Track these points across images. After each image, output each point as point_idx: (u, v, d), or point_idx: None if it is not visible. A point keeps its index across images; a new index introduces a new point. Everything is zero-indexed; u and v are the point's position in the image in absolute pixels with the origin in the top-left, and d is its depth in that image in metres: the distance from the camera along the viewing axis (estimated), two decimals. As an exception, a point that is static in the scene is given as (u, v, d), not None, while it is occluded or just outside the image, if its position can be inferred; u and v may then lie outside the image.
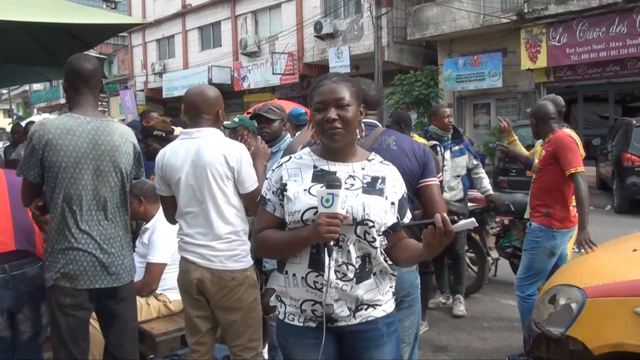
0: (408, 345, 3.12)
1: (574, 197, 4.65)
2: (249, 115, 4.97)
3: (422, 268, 3.24)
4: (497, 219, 6.61)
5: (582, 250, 4.29)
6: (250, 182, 3.27)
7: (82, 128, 3.10)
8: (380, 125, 3.20)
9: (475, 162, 6.28)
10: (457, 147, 6.14)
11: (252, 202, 3.21)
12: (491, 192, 6.36)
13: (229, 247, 3.27)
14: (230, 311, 3.31)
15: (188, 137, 3.35)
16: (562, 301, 3.61)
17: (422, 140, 5.74)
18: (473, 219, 2.11)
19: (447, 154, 6.03)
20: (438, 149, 5.97)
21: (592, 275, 3.71)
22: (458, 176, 6.10)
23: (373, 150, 2.90)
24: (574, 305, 3.52)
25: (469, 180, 6.38)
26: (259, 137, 4.25)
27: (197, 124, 3.36)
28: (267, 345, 4.18)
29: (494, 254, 6.72)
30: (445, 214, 2.12)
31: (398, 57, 21.08)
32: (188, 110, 3.41)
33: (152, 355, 4.24)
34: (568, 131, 4.85)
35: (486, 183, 6.35)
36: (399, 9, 20.85)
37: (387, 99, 19.09)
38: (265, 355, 4.02)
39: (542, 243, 4.66)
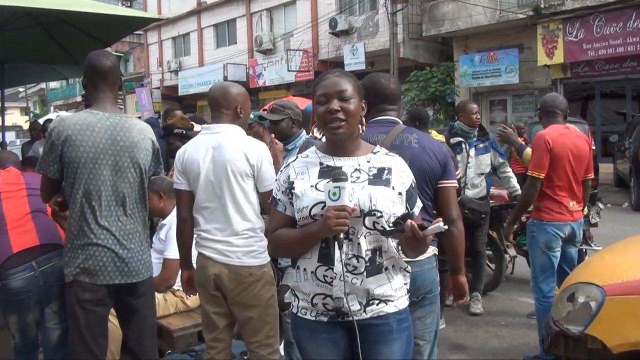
0: (428, 342, 3.12)
1: (576, 192, 4.62)
2: (265, 112, 4.97)
3: (440, 266, 3.23)
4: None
5: (599, 248, 4.27)
6: (270, 181, 3.26)
7: (101, 124, 3.13)
8: (401, 122, 3.19)
9: (500, 160, 6.21)
10: (482, 145, 6.09)
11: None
12: (519, 191, 6.23)
13: (246, 243, 3.29)
14: (247, 307, 3.32)
15: (209, 132, 3.38)
16: (581, 299, 3.58)
17: (439, 137, 5.70)
18: (440, 224, 2.17)
19: (472, 152, 6.00)
20: (463, 145, 5.95)
21: (611, 273, 3.68)
22: (482, 174, 6.05)
23: (394, 148, 2.90)
24: (593, 304, 3.49)
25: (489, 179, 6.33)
26: (272, 135, 4.23)
27: (217, 119, 3.40)
28: (283, 342, 4.18)
29: (512, 251, 6.68)
30: (414, 223, 2.20)
31: (414, 53, 21.00)
32: (210, 106, 3.46)
33: (169, 351, 4.26)
34: (566, 127, 4.74)
35: (514, 182, 6.29)
36: (414, 5, 20.75)
37: (403, 96, 19.01)
38: (281, 352, 4.03)
39: (536, 237, 4.66)
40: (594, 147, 6.33)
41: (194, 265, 3.51)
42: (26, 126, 30.25)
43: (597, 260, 4.39)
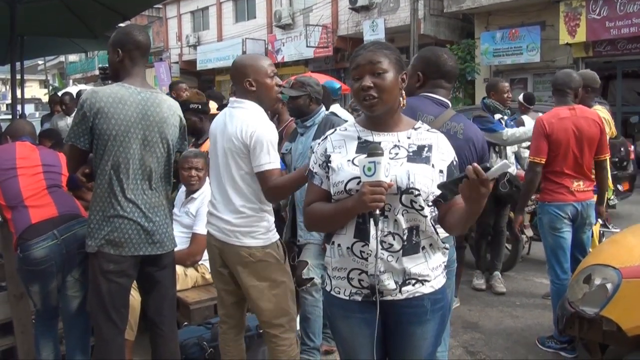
0: None
1: (583, 173, 4.60)
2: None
3: (457, 243, 3.23)
4: (533, 197, 6.50)
5: (616, 230, 4.25)
6: (261, 162, 3.11)
7: (133, 98, 3.16)
8: (450, 106, 3.14)
9: None
10: (512, 123, 6.20)
11: (262, 183, 3.13)
12: None
13: (246, 223, 3.21)
14: (249, 288, 3.27)
15: (230, 106, 3.35)
16: (597, 281, 3.58)
17: None
18: (506, 161, 2.07)
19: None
20: (502, 122, 5.94)
21: (628, 255, 3.67)
22: (513, 152, 6.16)
23: None
24: (609, 286, 3.50)
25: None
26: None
27: (236, 93, 3.37)
28: (299, 316, 4.22)
29: (528, 232, 6.68)
30: (476, 164, 2.05)
31: (434, 30, 20.73)
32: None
33: (186, 322, 4.32)
34: (571, 109, 4.63)
35: None
36: (435, -20, 20.50)
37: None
38: (297, 327, 4.06)
39: (542, 219, 4.69)
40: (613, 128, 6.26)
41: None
42: (45, 99, 30.44)
43: (615, 242, 4.38)
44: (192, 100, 5.37)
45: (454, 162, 2.44)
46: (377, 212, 2.18)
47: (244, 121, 3.17)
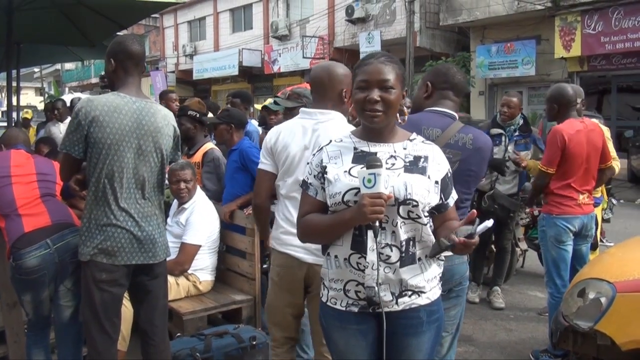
0: (450, 335, 3.11)
1: (587, 186, 4.61)
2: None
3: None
4: (527, 210, 6.46)
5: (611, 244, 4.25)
6: None
7: (128, 107, 3.16)
8: (458, 118, 3.12)
9: (541, 156, 6.05)
10: (522, 141, 5.89)
11: None
12: None
13: None
14: None
15: (308, 117, 3.19)
16: (591, 295, 3.58)
17: None
18: (487, 222, 2.13)
19: (511, 147, 5.83)
20: (502, 138, 5.83)
21: (622, 269, 3.67)
22: (516, 171, 5.84)
23: (449, 146, 2.88)
24: (603, 300, 3.49)
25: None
26: None
27: (320, 103, 3.20)
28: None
29: (523, 245, 6.65)
30: (462, 239, 2.15)
31: (430, 42, 20.83)
32: (312, 88, 3.29)
33: (179, 333, 4.30)
34: (581, 121, 4.64)
35: None
36: (431, -7, 20.60)
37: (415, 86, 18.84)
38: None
39: (546, 232, 4.66)
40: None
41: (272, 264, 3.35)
42: (41, 107, 30.40)
43: (609, 256, 4.38)
44: (192, 108, 5.39)
45: (449, 175, 2.44)
46: (377, 223, 2.18)
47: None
